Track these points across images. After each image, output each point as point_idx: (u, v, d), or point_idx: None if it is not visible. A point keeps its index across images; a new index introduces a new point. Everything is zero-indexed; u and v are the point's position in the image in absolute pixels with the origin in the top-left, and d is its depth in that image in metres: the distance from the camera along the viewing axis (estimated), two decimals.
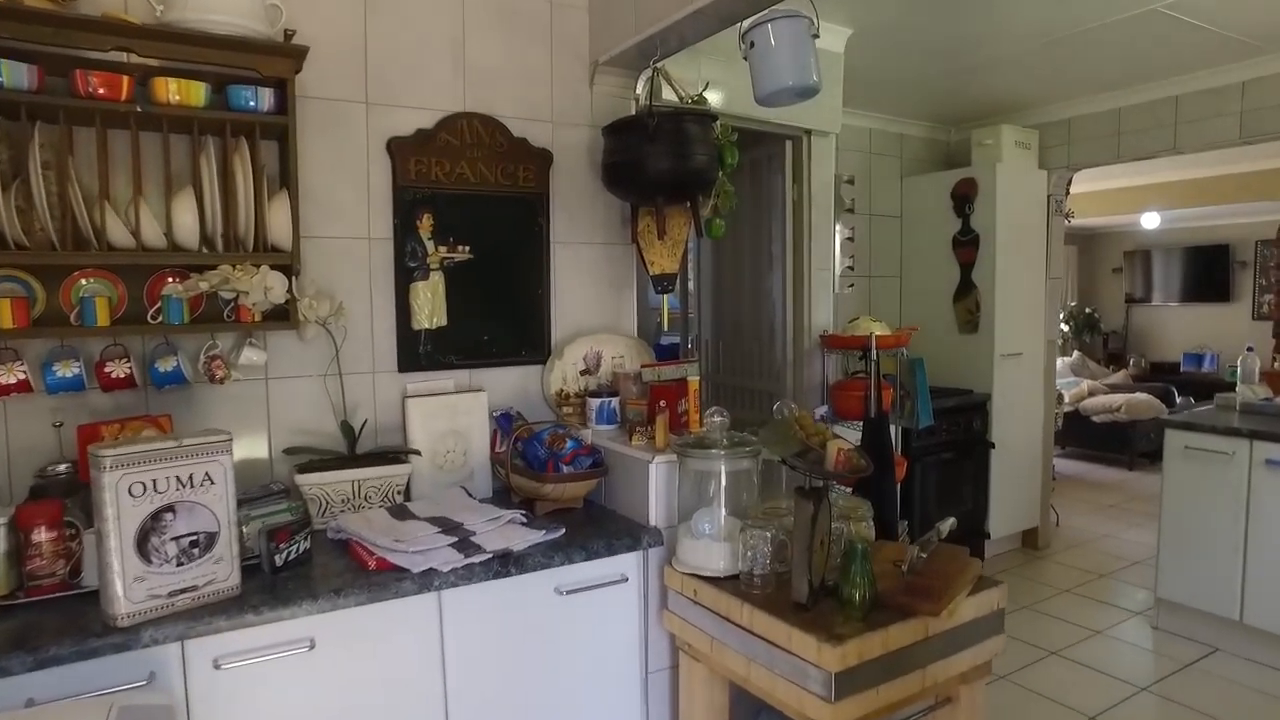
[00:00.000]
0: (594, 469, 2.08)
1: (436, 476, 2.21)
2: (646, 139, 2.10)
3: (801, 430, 1.51)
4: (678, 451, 1.80)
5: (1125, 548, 4.75)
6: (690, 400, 2.20)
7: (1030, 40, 3.30)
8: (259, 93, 1.81)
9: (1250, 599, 3.25)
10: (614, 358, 2.51)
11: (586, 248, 2.51)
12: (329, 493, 1.98)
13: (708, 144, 2.19)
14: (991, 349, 4.29)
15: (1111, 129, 4.22)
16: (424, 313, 2.26)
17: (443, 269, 2.27)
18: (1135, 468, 6.88)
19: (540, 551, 1.80)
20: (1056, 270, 4.63)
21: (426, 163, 2.23)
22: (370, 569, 1.68)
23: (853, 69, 3.43)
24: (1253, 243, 8.50)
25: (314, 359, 2.10)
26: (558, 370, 2.43)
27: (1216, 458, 3.31)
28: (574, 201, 2.48)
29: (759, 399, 3.44)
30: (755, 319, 3.46)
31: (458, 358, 2.32)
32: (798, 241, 3.17)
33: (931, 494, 4.02)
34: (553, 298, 2.46)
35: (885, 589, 1.57)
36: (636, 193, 2.25)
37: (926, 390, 3.14)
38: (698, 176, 2.18)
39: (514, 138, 2.36)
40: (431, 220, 2.25)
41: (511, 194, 2.36)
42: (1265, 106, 3.72)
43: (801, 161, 3.14)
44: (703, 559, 1.78)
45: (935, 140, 4.84)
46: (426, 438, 2.20)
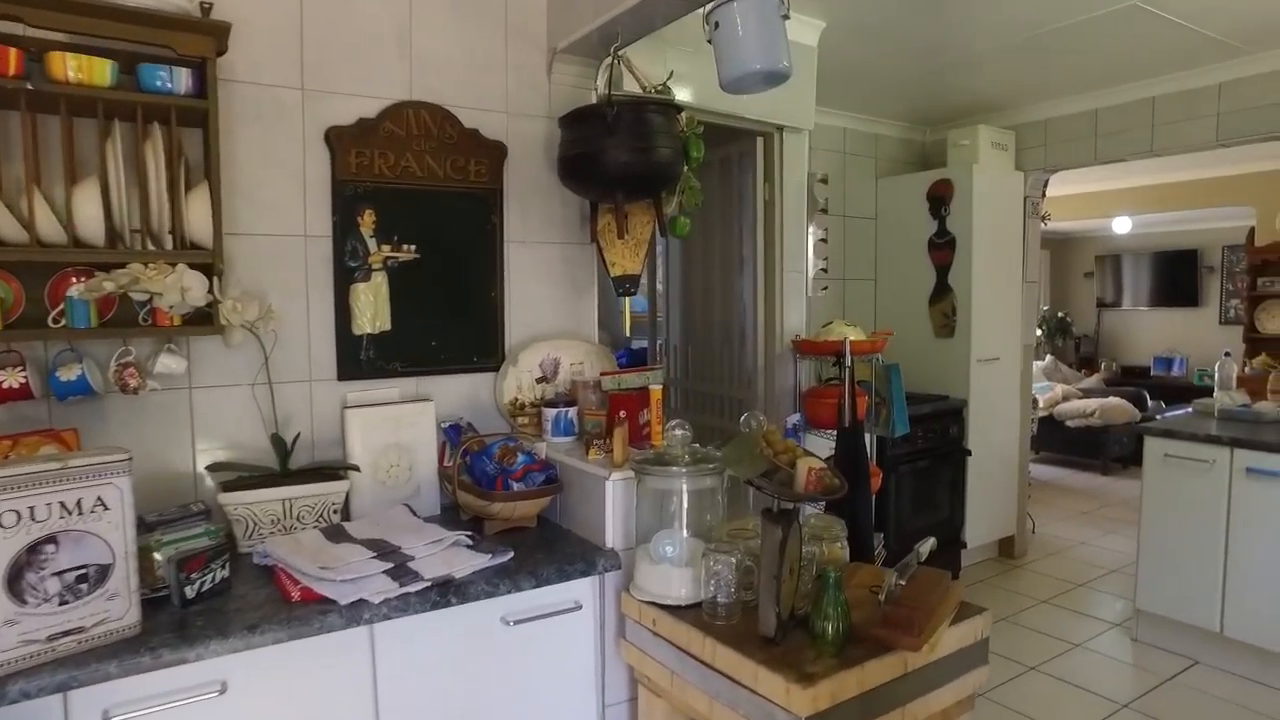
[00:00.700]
0: (547, 486, 1.93)
1: (378, 493, 2.05)
2: (605, 130, 1.96)
3: (768, 447, 1.37)
4: (635, 469, 1.66)
5: (1102, 555, 4.68)
6: (652, 411, 2.06)
7: (1009, 36, 3.20)
8: (174, 73, 1.64)
9: (1230, 611, 3.17)
10: (573, 364, 2.36)
11: (544, 247, 2.36)
12: (256, 513, 1.81)
13: (672, 136, 2.05)
14: (968, 354, 4.20)
15: (1088, 130, 4.14)
16: (365, 316, 2.09)
17: (386, 269, 2.11)
18: (1109, 473, 6.86)
19: (485, 578, 1.64)
20: (1033, 274, 4.55)
21: (369, 155, 2.06)
22: (293, 600, 1.51)
23: (827, 64, 3.31)
24: (1220, 248, 8.58)
25: (242, 367, 1.93)
26: (512, 378, 2.27)
27: (1196, 466, 3.23)
28: (530, 198, 2.33)
29: (729, 406, 3.31)
30: (725, 323, 3.32)
31: (403, 365, 2.16)
32: (769, 242, 3.03)
33: (907, 503, 3.91)
34: (507, 300, 2.30)
35: (861, 620, 1.44)
36: (595, 188, 2.10)
37: (903, 398, 3.01)
38: (661, 171, 2.03)
39: (465, 129, 2.20)
40: (374, 217, 2.08)
41: (462, 189, 2.20)
42: (1241, 109, 3.66)
43: (773, 159, 3.01)
44: (662, 586, 1.63)
45: (911, 141, 4.74)
46: (367, 451, 2.04)
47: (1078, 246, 9.79)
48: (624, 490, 1.80)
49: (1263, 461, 3.04)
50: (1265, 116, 3.59)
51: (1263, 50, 3.49)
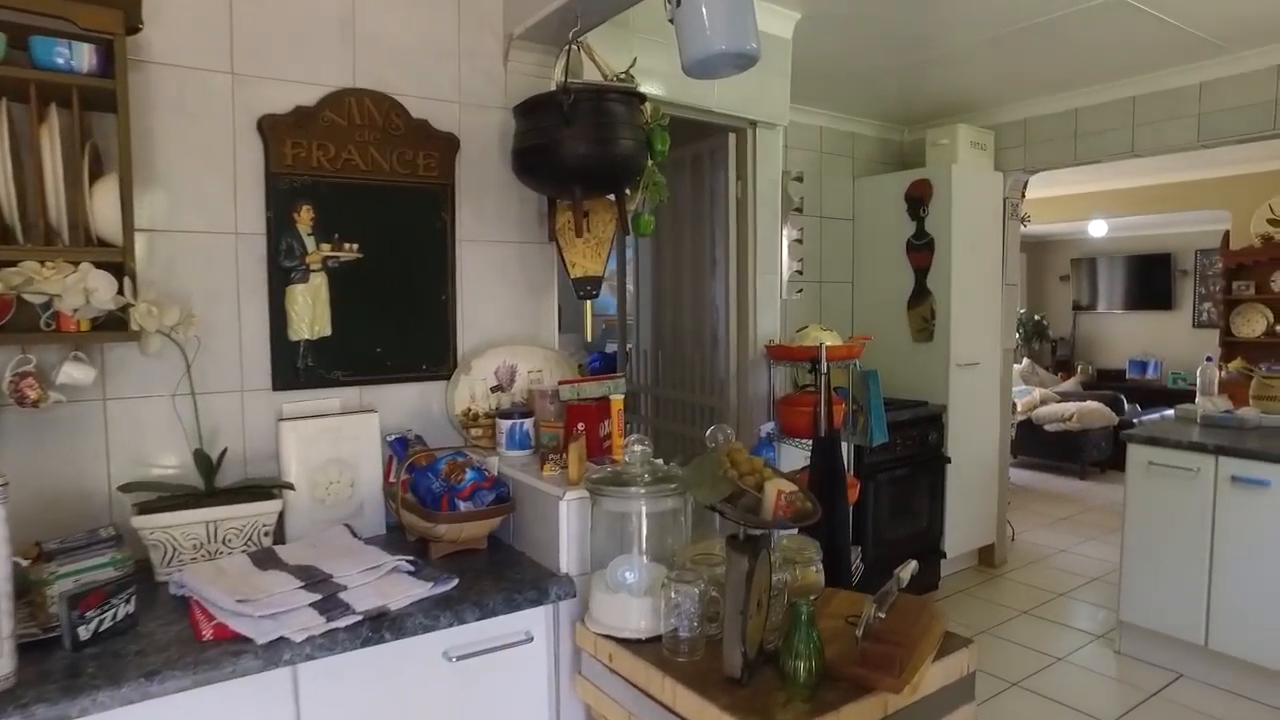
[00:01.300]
0: (497, 506, 1.78)
1: (316, 512, 1.89)
2: (561, 120, 1.81)
3: (733, 468, 1.23)
4: (590, 489, 1.51)
5: (1082, 563, 4.60)
6: (613, 422, 1.91)
7: (989, 30, 3.10)
8: (75, 49, 1.47)
9: (1215, 623, 3.08)
10: (531, 372, 2.21)
11: (499, 246, 2.21)
12: (176, 537, 1.64)
13: (634, 127, 1.91)
14: (947, 358, 4.09)
15: (1068, 130, 4.06)
16: (303, 321, 1.93)
17: (326, 270, 1.95)
18: (1087, 477, 6.81)
19: (424, 610, 1.49)
20: (1012, 276, 4.47)
21: (306, 146, 1.90)
22: (205, 639, 1.35)
23: (802, 59, 3.19)
24: (1193, 252, 8.60)
25: (164, 376, 1.76)
26: (464, 387, 2.12)
27: (1180, 474, 3.14)
28: (485, 194, 2.18)
29: (701, 414, 3.17)
30: (696, 327, 3.19)
31: (345, 373, 2.00)
32: (742, 243, 2.90)
33: (885, 513, 3.79)
34: (459, 304, 2.15)
35: (836, 657, 1.30)
36: (551, 182, 1.95)
37: (881, 405, 2.90)
38: (622, 164, 1.89)
39: (413, 120, 2.05)
40: (312, 213, 1.92)
41: (410, 184, 2.05)
42: (1222, 109, 3.59)
43: (746, 156, 2.89)
44: (619, 617, 1.49)
45: (888, 140, 4.64)
46: (305, 467, 1.88)
47: (1054, 249, 9.78)
48: (579, 511, 1.65)
49: (1248, 470, 2.96)
50: (1246, 117, 3.52)
51: (1244, 49, 3.43)
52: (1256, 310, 6.64)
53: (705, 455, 1.26)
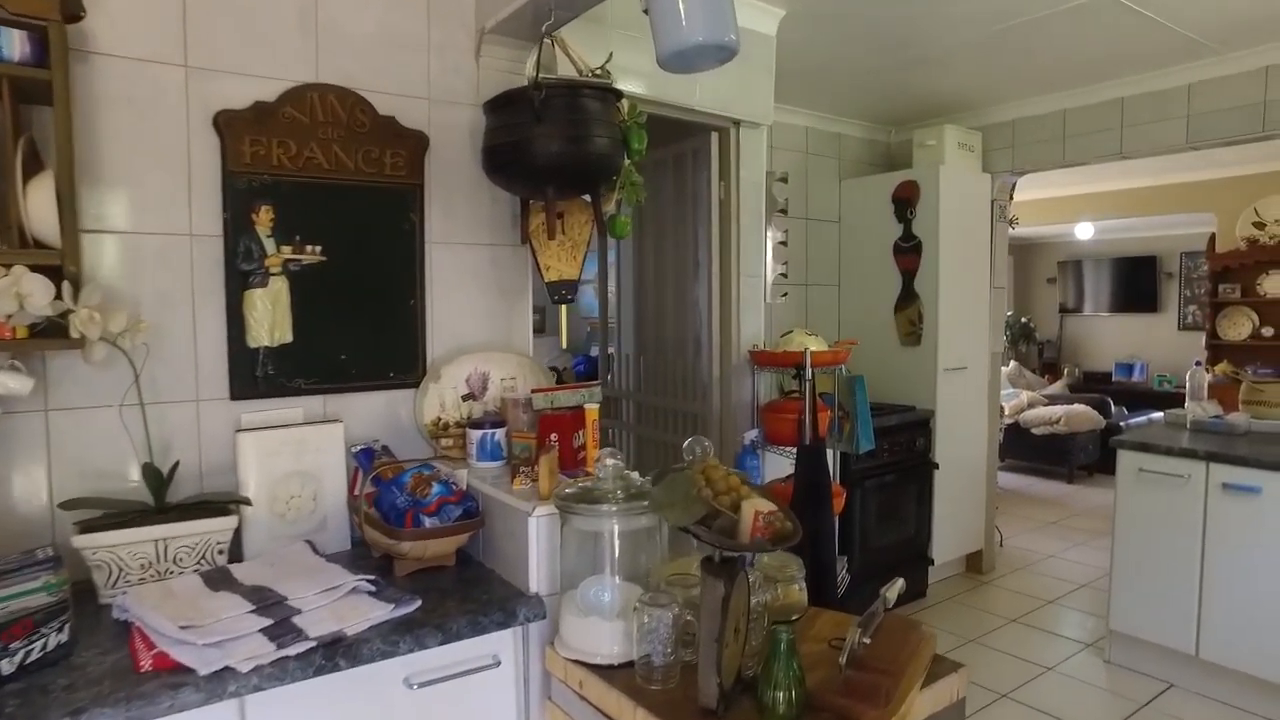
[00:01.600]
0: (464, 521, 1.69)
1: (277, 528, 1.79)
2: (533, 116, 1.73)
3: (708, 486, 1.16)
4: (559, 506, 1.43)
5: (1070, 569, 4.55)
6: (588, 433, 1.83)
7: (978, 29, 3.04)
8: (5, 35, 1.38)
9: (1206, 633, 3.03)
10: (503, 380, 2.13)
11: (470, 249, 2.13)
12: (122, 557, 1.55)
13: (609, 125, 1.83)
14: (935, 362, 4.04)
15: (1056, 132, 4.02)
16: (262, 327, 1.84)
17: (287, 274, 1.86)
18: (1075, 480, 6.78)
19: (383, 634, 1.40)
20: (1000, 279, 4.41)
21: (266, 143, 1.81)
22: (143, 670, 1.26)
23: (787, 57, 3.12)
24: (1178, 254, 8.61)
25: (111, 386, 1.66)
26: (433, 395, 2.03)
27: (1171, 481, 3.08)
28: (456, 194, 2.09)
29: (684, 421, 3.09)
30: (679, 331, 3.11)
31: (307, 381, 1.91)
32: (725, 245, 2.83)
33: (872, 521, 3.73)
34: (428, 308, 2.07)
35: (818, 685, 1.22)
36: (522, 182, 1.87)
37: (867, 411, 2.83)
38: (597, 163, 1.81)
39: (380, 116, 1.96)
40: (272, 214, 1.83)
41: (376, 184, 1.96)
42: (1211, 111, 3.55)
43: (729, 156, 2.81)
44: (590, 641, 1.41)
45: (875, 141, 4.58)
46: (265, 480, 1.78)
47: (1041, 251, 9.78)
48: (549, 527, 1.57)
49: (1239, 477, 2.91)
50: (1234, 119, 3.48)
51: (1233, 50, 3.39)
52: (1242, 313, 6.63)
53: (677, 473, 1.18)
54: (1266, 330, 6.47)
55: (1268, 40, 3.28)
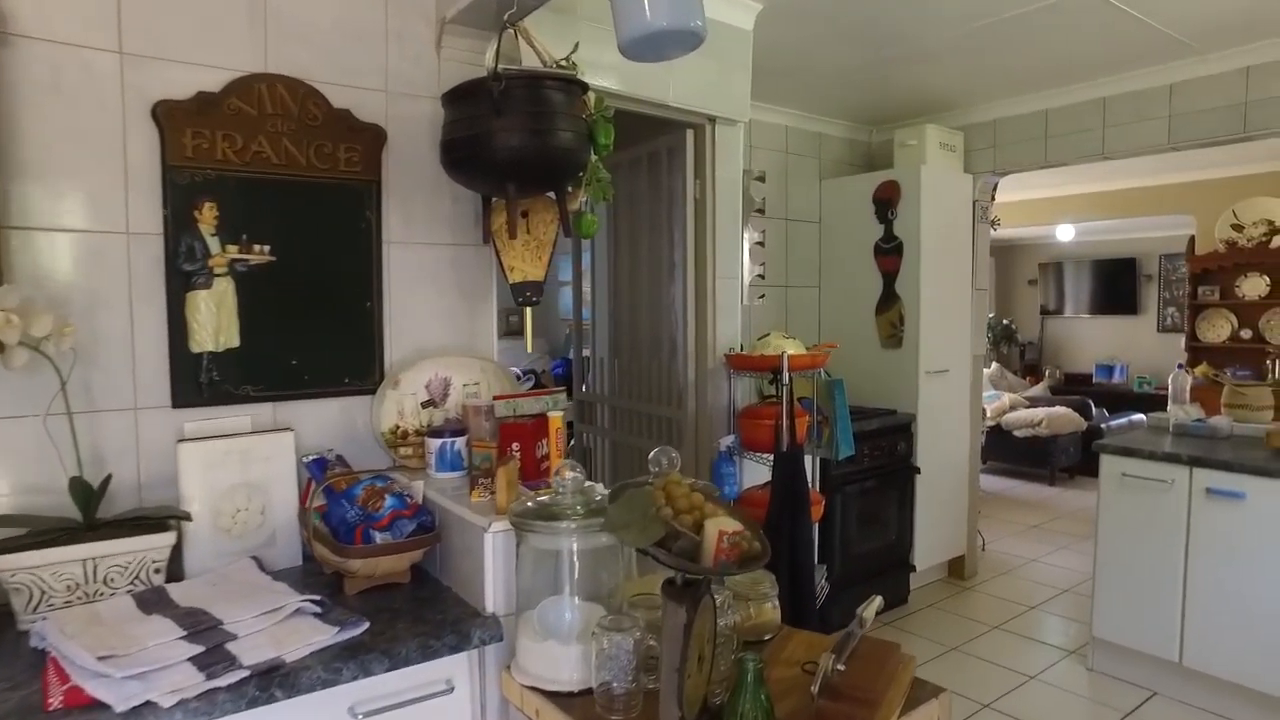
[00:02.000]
0: (418, 537, 1.59)
1: (221, 544, 1.69)
2: (492, 108, 1.64)
3: (668, 504, 1.07)
4: (515, 522, 1.34)
5: (1053, 574, 4.50)
6: (551, 442, 1.74)
7: (960, 25, 2.98)
8: None
9: (1190, 640, 2.98)
10: (466, 385, 2.03)
11: (431, 249, 2.03)
12: (44, 579, 1.44)
13: (574, 118, 1.74)
14: (916, 365, 3.98)
15: (1038, 131, 3.97)
16: (206, 331, 1.73)
17: (233, 274, 1.76)
18: (1056, 483, 6.76)
19: (325, 661, 1.30)
20: (982, 281, 4.36)
21: (210, 136, 1.71)
22: (53, 708, 1.15)
23: (766, 53, 3.05)
24: (1157, 257, 8.64)
25: (36, 394, 1.55)
26: (391, 402, 1.93)
27: (1154, 486, 3.03)
28: (415, 192, 2.00)
29: (659, 426, 3.01)
30: (654, 334, 3.03)
31: (256, 388, 1.81)
32: (700, 245, 2.75)
33: (853, 527, 3.66)
34: (386, 311, 1.97)
35: (789, 716, 1.14)
36: (482, 178, 1.78)
37: (847, 416, 2.76)
38: (561, 158, 1.72)
39: (334, 110, 1.86)
40: (216, 211, 1.73)
41: (330, 180, 1.86)
42: (1192, 111, 3.51)
43: (704, 154, 2.73)
44: (548, 667, 1.32)
45: (856, 141, 4.53)
46: (208, 493, 1.68)
47: (1022, 253, 9.79)
48: (507, 544, 1.48)
49: (1224, 481, 2.86)
50: (1215, 119, 3.45)
51: (1213, 50, 3.35)
52: (1221, 315, 6.64)
53: (636, 490, 1.10)
54: (1245, 332, 6.48)
55: (1248, 40, 3.25)
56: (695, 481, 1.42)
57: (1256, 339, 6.41)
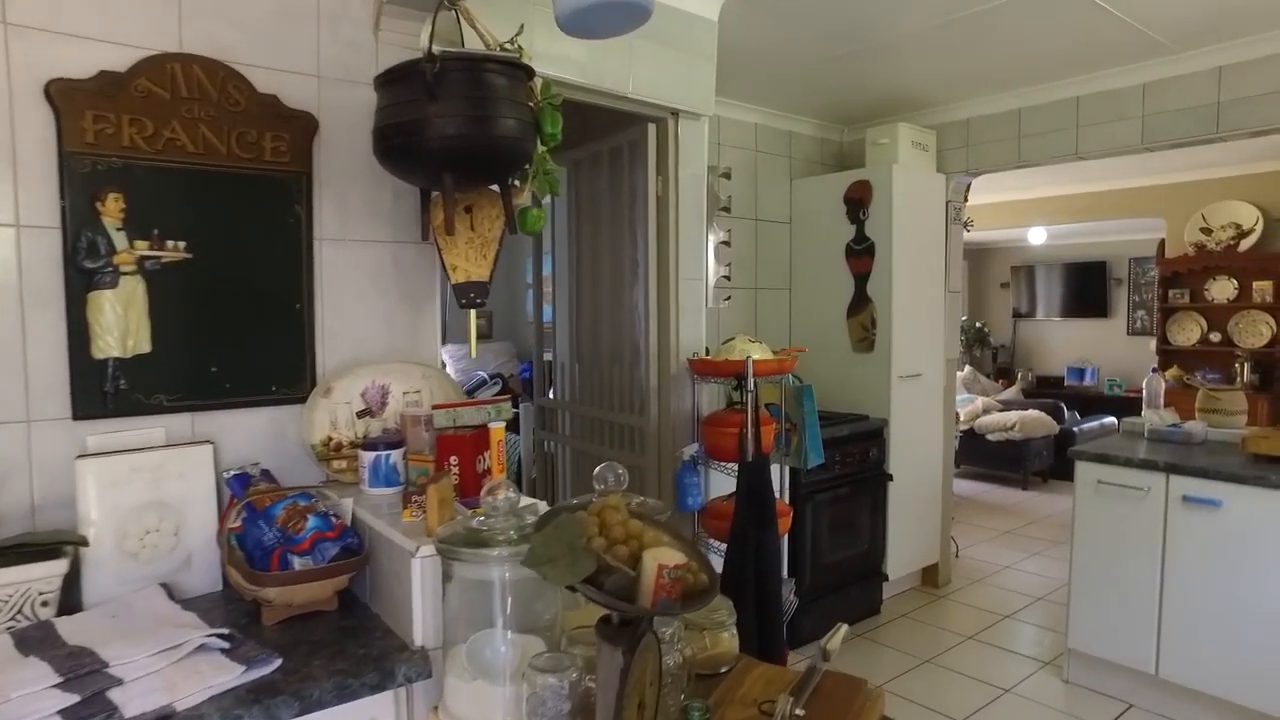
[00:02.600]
0: (342, 561, 1.45)
1: (128, 570, 1.54)
2: (426, 93, 1.50)
3: (602, 533, 0.94)
4: (440, 549, 1.20)
5: (1027, 581, 4.43)
6: (493, 456, 1.61)
7: (933, 18, 2.89)
8: None
9: (1166, 651, 2.90)
10: (406, 394, 1.89)
11: (369, 247, 1.89)
12: None
13: (517, 104, 1.61)
14: (888, 370, 3.88)
15: (1011, 131, 3.90)
16: (112, 335, 1.58)
17: (143, 273, 1.60)
18: (1030, 487, 6.73)
19: (225, 707, 1.16)
20: (955, 283, 4.28)
21: (115, 121, 1.56)
22: None
23: (733, 47, 2.94)
24: (1127, 260, 8.68)
25: None
26: (323, 411, 1.78)
27: (1130, 494, 2.96)
28: (351, 185, 1.85)
29: (621, 434, 2.88)
30: (615, 338, 2.90)
31: (171, 397, 1.65)
32: (662, 245, 2.62)
33: (824, 536, 3.55)
34: (318, 314, 1.82)
35: None
36: (416, 169, 1.64)
37: (816, 423, 2.65)
38: (503, 148, 1.59)
39: (259, 95, 1.71)
40: (122, 203, 1.57)
41: (254, 171, 1.72)
42: (1165, 111, 3.46)
43: (667, 149, 2.61)
44: (477, 708, 1.18)
45: (827, 140, 4.43)
46: (111, 514, 1.53)
47: (995, 256, 9.80)
48: (437, 570, 1.33)
49: (1200, 489, 2.79)
50: (1188, 120, 3.40)
51: (1187, 49, 3.29)
52: (1191, 319, 6.65)
53: (564, 519, 0.96)
54: (1214, 335, 6.49)
55: (1220, 40, 3.19)
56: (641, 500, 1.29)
57: (1226, 342, 6.42)
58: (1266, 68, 3.18)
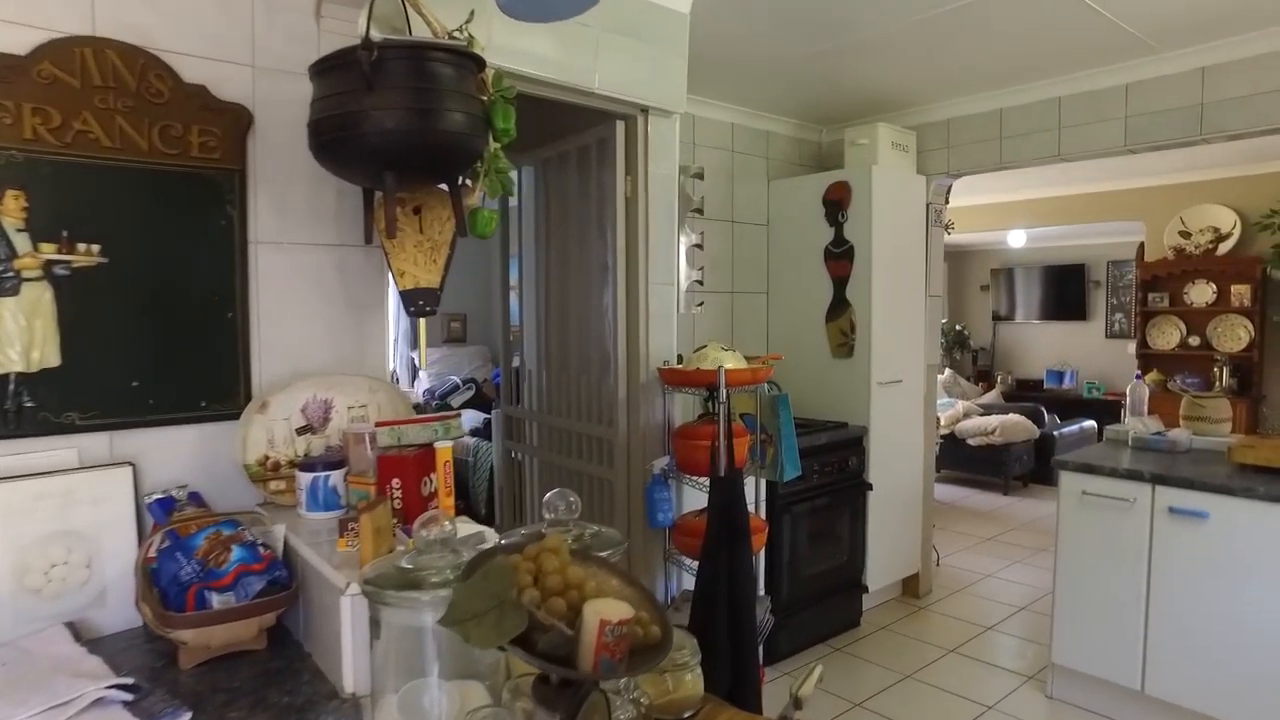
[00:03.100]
0: (267, 598, 1.32)
1: (28, 608, 1.40)
2: (364, 84, 1.37)
3: (537, 583, 0.81)
4: (366, 592, 1.07)
5: (1009, 590, 4.35)
6: (440, 478, 1.48)
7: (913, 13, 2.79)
8: None
9: (1152, 667, 2.82)
10: (351, 408, 1.76)
11: (312, 251, 1.75)
12: None
13: (465, 97, 1.48)
14: (868, 376, 3.78)
15: (993, 132, 3.82)
16: (14, 348, 1.44)
17: (51, 279, 1.46)
18: (1010, 492, 6.67)
19: None
20: (936, 287, 4.20)
21: (13, 110, 1.42)
22: None
23: (707, 43, 2.83)
24: (1105, 263, 8.68)
25: None
26: (259, 428, 1.65)
27: (1115, 505, 2.87)
28: (292, 184, 1.72)
29: (590, 447, 2.75)
30: (583, 344, 2.77)
31: (85, 415, 1.51)
32: (632, 248, 2.50)
33: (802, 548, 3.44)
34: (254, 323, 1.69)
35: None
36: (355, 166, 1.51)
37: (793, 435, 2.54)
38: (449, 144, 1.46)
39: (185, 85, 1.58)
40: (24, 202, 1.43)
41: (179, 168, 1.58)
42: (1149, 112, 3.38)
43: (637, 148, 2.48)
44: None
45: (805, 140, 4.33)
46: (10, 546, 1.40)
47: (975, 259, 9.77)
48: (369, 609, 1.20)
49: (1187, 500, 2.70)
50: (1172, 121, 3.32)
51: (1170, 49, 3.22)
52: (1171, 322, 6.63)
53: (491, 566, 0.83)
54: (1194, 339, 6.47)
55: (1205, 39, 3.12)
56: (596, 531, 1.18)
57: (1205, 346, 6.39)
58: (1249, 69, 3.12)
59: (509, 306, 3.30)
